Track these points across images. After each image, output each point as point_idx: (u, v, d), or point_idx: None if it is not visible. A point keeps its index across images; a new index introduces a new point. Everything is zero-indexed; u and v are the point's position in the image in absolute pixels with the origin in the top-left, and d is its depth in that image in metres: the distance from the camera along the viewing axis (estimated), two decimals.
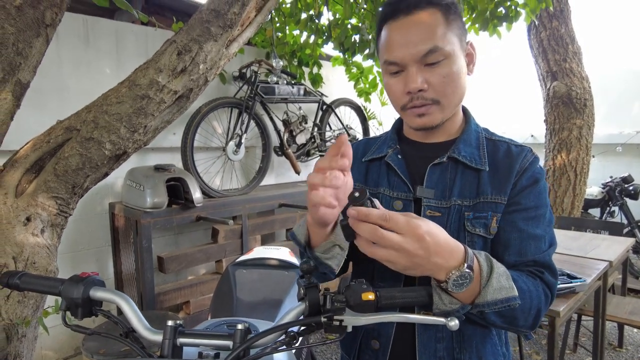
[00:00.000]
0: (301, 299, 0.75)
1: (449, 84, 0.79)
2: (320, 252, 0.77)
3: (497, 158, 0.85)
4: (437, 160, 0.85)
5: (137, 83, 1.20)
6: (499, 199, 0.81)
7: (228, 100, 2.94)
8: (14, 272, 0.83)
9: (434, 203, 0.84)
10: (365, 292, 0.72)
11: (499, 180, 0.82)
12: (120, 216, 2.54)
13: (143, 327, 0.75)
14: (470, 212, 0.82)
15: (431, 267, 0.64)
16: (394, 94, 0.82)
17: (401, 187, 0.87)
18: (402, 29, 0.78)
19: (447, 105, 0.81)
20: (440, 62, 0.78)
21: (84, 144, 1.15)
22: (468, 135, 0.87)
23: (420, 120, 0.82)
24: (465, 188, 0.83)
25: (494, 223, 0.81)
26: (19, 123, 1.18)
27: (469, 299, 0.69)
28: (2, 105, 1.11)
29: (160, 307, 2.48)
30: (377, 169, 0.92)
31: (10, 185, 1.09)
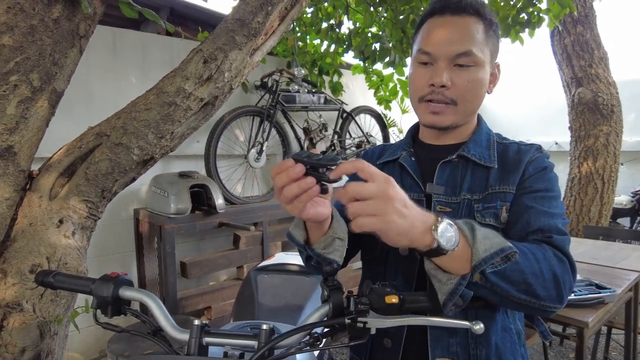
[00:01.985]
0: (325, 300, 0.75)
1: (470, 90, 0.82)
2: (320, 248, 0.77)
3: (506, 157, 0.86)
4: (447, 158, 0.87)
5: (165, 90, 1.24)
6: (507, 189, 0.82)
7: (250, 108, 2.99)
8: (49, 271, 0.86)
9: (444, 199, 0.85)
10: (389, 295, 0.72)
11: (507, 173, 0.83)
12: (145, 222, 2.60)
13: (170, 326, 0.77)
14: (479, 204, 0.82)
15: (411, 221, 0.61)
16: (417, 84, 0.85)
17: (413, 187, 0.89)
18: (445, 25, 0.82)
19: (462, 110, 0.84)
20: (470, 67, 0.81)
21: (114, 149, 1.19)
22: (479, 137, 0.89)
23: (432, 117, 0.85)
24: (475, 184, 0.84)
25: (503, 212, 0.81)
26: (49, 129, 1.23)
27: (465, 266, 0.66)
28: (39, 112, 1.16)
29: (183, 312, 2.51)
30: (392, 170, 0.94)
31: (44, 188, 1.14)
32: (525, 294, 0.69)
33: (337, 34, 3.44)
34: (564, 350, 2.90)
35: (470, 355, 0.82)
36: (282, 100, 3.16)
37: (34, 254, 1.05)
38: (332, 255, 0.77)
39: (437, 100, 0.83)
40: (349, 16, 3.35)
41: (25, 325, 0.93)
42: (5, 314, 0.95)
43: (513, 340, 0.86)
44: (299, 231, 0.79)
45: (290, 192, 0.64)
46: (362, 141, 3.82)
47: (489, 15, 0.83)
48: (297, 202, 0.66)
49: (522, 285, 0.68)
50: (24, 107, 1.11)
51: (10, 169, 1.09)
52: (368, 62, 3.46)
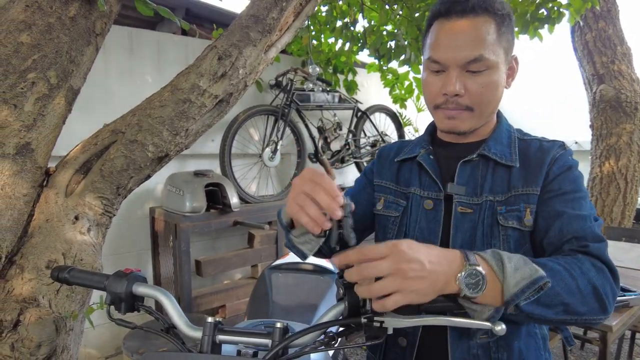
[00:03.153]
0: (340, 299, 0.73)
1: (485, 94, 0.79)
2: (295, 235, 0.76)
3: (528, 154, 0.83)
4: (467, 158, 0.84)
5: (180, 87, 1.24)
6: (531, 190, 0.79)
7: (265, 107, 2.98)
8: (64, 267, 0.87)
9: (465, 199, 0.82)
10: None
11: (530, 173, 0.80)
12: (160, 220, 2.61)
13: (183, 323, 0.76)
14: (502, 206, 0.80)
15: (434, 278, 0.60)
16: (431, 92, 0.82)
17: (432, 186, 0.87)
18: (452, 30, 0.78)
19: (479, 114, 0.81)
20: (482, 71, 0.77)
21: (129, 146, 1.19)
22: (499, 134, 0.86)
23: (449, 123, 0.82)
24: (497, 184, 0.82)
25: (527, 215, 0.78)
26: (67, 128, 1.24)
27: (498, 300, 0.64)
28: (56, 110, 1.17)
29: (197, 310, 2.52)
30: (409, 169, 0.92)
31: (61, 185, 1.15)
32: (565, 314, 0.66)
33: (351, 32, 3.42)
34: (585, 355, 2.82)
35: (491, 359, 0.80)
36: (297, 99, 3.14)
37: (51, 250, 1.05)
38: (302, 247, 0.77)
39: (452, 108, 0.80)
40: (363, 14, 3.32)
41: (41, 320, 0.94)
42: (22, 309, 0.96)
43: (537, 345, 0.83)
44: (286, 212, 0.78)
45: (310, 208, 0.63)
46: (377, 140, 3.79)
47: (500, 9, 0.78)
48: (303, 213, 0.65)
49: (560, 307, 0.66)
50: (41, 105, 1.12)
51: (28, 165, 1.10)
52: (383, 60, 3.42)
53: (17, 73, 1.08)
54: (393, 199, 0.93)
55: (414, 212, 0.89)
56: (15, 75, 1.08)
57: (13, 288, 1.01)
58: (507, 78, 0.83)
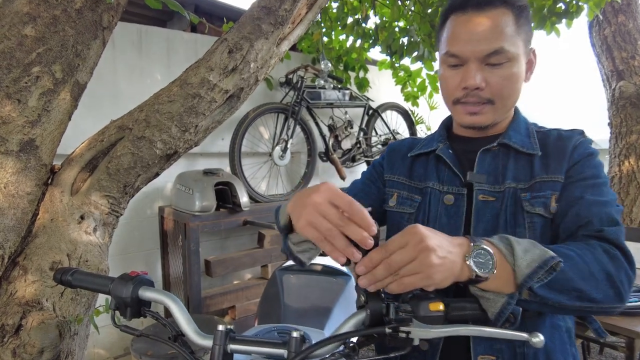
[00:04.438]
0: (361, 306, 0.68)
1: (506, 87, 0.78)
2: (293, 242, 0.73)
3: (548, 143, 0.82)
4: (487, 146, 0.82)
5: (189, 82, 1.19)
6: (557, 177, 0.78)
7: (275, 105, 2.94)
8: (67, 269, 0.83)
9: (486, 187, 0.80)
10: (434, 302, 0.65)
11: (553, 161, 0.79)
12: (170, 219, 2.58)
13: (192, 331, 0.71)
14: (526, 193, 0.78)
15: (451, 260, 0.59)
16: (449, 87, 0.81)
17: (452, 180, 0.84)
18: (470, 23, 0.76)
19: (500, 107, 0.80)
20: (503, 64, 0.76)
21: (136, 142, 1.14)
22: (517, 125, 0.85)
23: (470, 119, 0.81)
24: (519, 172, 0.80)
25: (553, 202, 0.76)
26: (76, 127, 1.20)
27: (510, 285, 0.62)
28: (61, 105, 1.12)
29: (207, 311, 2.48)
30: (424, 164, 0.90)
31: (66, 183, 1.11)
32: (579, 300, 0.64)
33: (363, 28, 3.36)
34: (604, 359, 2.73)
35: (516, 354, 0.77)
36: (307, 97, 3.09)
37: (55, 251, 1.01)
38: (301, 255, 0.73)
39: (472, 102, 0.79)
40: (375, 10, 3.26)
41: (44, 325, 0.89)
42: (25, 312, 0.92)
43: (563, 339, 0.80)
44: (284, 212, 0.73)
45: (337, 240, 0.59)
46: (389, 138, 3.72)
47: (517, 1, 0.77)
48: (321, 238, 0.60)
49: (574, 292, 0.64)
50: (46, 100, 1.08)
51: (32, 162, 1.05)
52: (395, 57, 3.36)
53: (21, 67, 1.04)
54: (407, 195, 0.90)
55: (432, 208, 0.86)
56: (19, 69, 1.04)
57: (16, 290, 0.96)
58: (526, 72, 0.82)
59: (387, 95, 4.03)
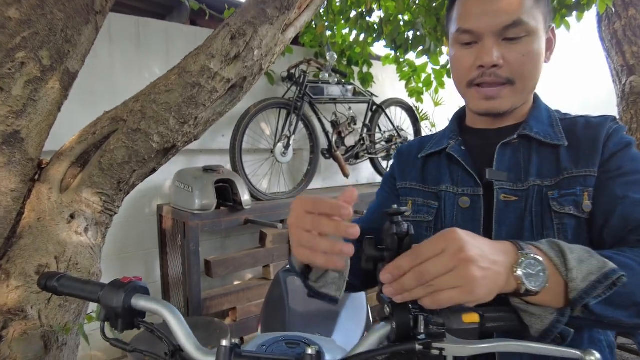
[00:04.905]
0: (385, 318, 0.60)
1: (527, 64, 0.70)
2: (313, 280, 0.65)
3: (575, 132, 0.74)
4: (506, 139, 0.75)
5: (188, 70, 1.10)
6: (588, 172, 0.70)
7: (277, 100, 2.85)
8: (53, 274, 0.74)
9: (508, 186, 0.73)
10: (468, 314, 0.58)
11: (583, 152, 0.71)
12: (168, 218, 2.49)
13: (192, 346, 0.62)
14: (553, 191, 0.70)
15: (495, 271, 0.50)
16: (462, 68, 0.74)
17: (466, 181, 0.77)
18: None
19: (521, 89, 0.72)
20: (522, 38, 0.69)
21: (131, 135, 1.06)
22: (539, 113, 0.78)
23: (487, 104, 0.73)
24: (544, 167, 0.73)
25: (586, 199, 0.69)
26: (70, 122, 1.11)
27: (561, 300, 0.54)
28: (50, 94, 1.04)
29: (207, 313, 2.40)
30: (437, 164, 0.83)
31: (55, 179, 1.02)
32: (639, 317, 0.57)
33: (367, 22, 3.26)
34: None
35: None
36: (310, 92, 3.00)
37: (41, 253, 0.92)
38: (326, 290, 0.66)
39: (489, 82, 0.71)
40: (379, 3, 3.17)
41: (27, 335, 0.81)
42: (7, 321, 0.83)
43: (604, 356, 0.72)
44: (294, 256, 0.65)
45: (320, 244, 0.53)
46: (393, 135, 3.63)
47: None
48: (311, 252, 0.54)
49: (634, 308, 0.56)
50: (32, 88, 0.99)
51: (17, 157, 0.97)
52: (400, 51, 3.27)
53: (3, 52, 0.95)
54: (423, 202, 0.82)
55: (448, 213, 0.78)
56: (1, 54, 0.95)
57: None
58: (546, 51, 0.75)
59: (390, 91, 3.95)
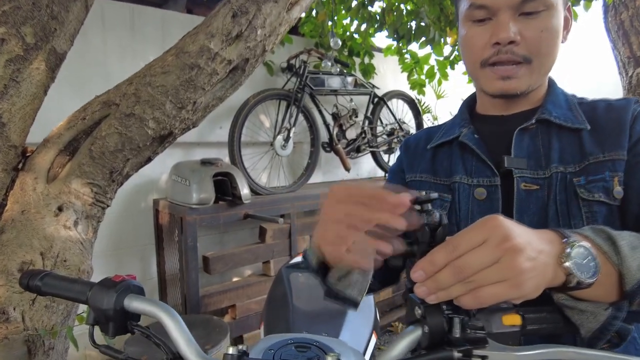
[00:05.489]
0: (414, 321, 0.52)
1: (545, 41, 0.66)
2: (334, 278, 0.59)
3: (597, 115, 0.70)
4: (524, 125, 0.70)
5: (186, 50, 1.01)
6: (616, 155, 0.65)
7: (276, 91, 2.77)
8: (36, 272, 0.66)
9: (528, 174, 0.68)
10: (509, 315, 0.51)
11: (608, 135, 0.67)
12: (165, 213, 2.41)
13: (194, 354, 0.54)
14: (579, 177, 0.66)
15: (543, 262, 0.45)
16: (475, 46, 0.69)
17: (482, 171, 0.72)
18: None
19: (538, 68, 0.68)
20: (540, 12, 0.65)
21: (124, 121, 0.97)
22: (555, 97, 0.74)
23: (503, 84, 0.69)
24: (566, 152, 0.69)
25: (616, 185, 0.65)
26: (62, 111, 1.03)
27: (614, 293, 0.50)
28: (34, 75, 0.95)
29: (205, 310, 2.32)
30: (448, 155, 0.79)
31: (41, 168, 0.93)
32: None
33: (368, 11, 3.18)
34: None
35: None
36: (310, 83, 2.92)
37: (25, 249, 0.84)
38: (349, 291, 0.58)
39: (505, 61, 0.67)
40: None
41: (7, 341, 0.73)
42: None
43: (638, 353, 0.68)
44: (314, 250, 0.59)
45: None
46: (395, 128, 3.55)
47: None
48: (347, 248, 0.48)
49: None
50: (14, 68, 0.90)
51: None
52: (403, 41, 3.19)
53: None
54: None
55: (463, 206, 0.73)
56: None
57: None
58: (563, 30, 0.71)
59: (392, 83, 3.87)
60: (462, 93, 0.76)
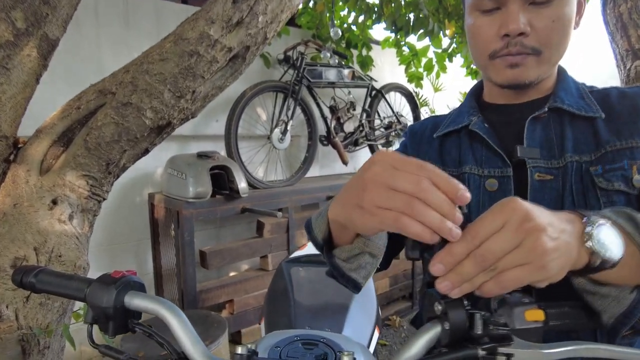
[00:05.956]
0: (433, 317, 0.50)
1: (556, 31, 0.64)
2: (342, 258, 0.57)
3: (610, 103, 0.68)
4: (536, 113, 0.69)
5: (185, 37, 0.97)
6: (635, 142, 0.64)
7: (273, 84, 2.72)
8: (30, 268, 0.63)
9: (542, 164, 0.67)
10: (532, 310, 0.48)
11: (624, 123, 0.66)
12: (161, 207, 2.37)
13: (200, 354, 0.51)
14: (596, 166, 0.65)
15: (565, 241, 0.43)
16: (483, 38, 0.67)
17: (493, 161, 0.71)
18: None
19: (547, 59, 0.66)
20: (552, 1, 0.63)
21: (120, 110, 0.93)
22: (567, 85, 0.72)
23: (511, 73, 0.67)
24: (580, 141, 0.67)
25: (635, 173, 0.64)
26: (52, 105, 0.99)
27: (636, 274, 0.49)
28: (25, 63, 0.90)
29: (202, 305, 2.29)
30: (456, 144, 0.76)
31: (33, 160, 0.89)
32: None
33: (366, 3, 3.14)
34: None
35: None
36: (308, 75, 2.88)
37: (18, 244, 0.80)
38: (354, 274, 0.59)
39: (515, 53, 0.65)
40: None
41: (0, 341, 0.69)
42: None
43: None
44: (321, 224, 0.56)
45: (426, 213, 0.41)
46: (392, 122, 3.52)
47: None
48: None
49: None
50: (4, 54, 0.86)
51: None
52: (401, 33, 3.16)
53: None
54: None
55: (473, 197, 0.70)
56: None
57: None
58: (575, 15, 0.69)
59: (389, 76, 3.84)
60: (460, 86, 0.74)
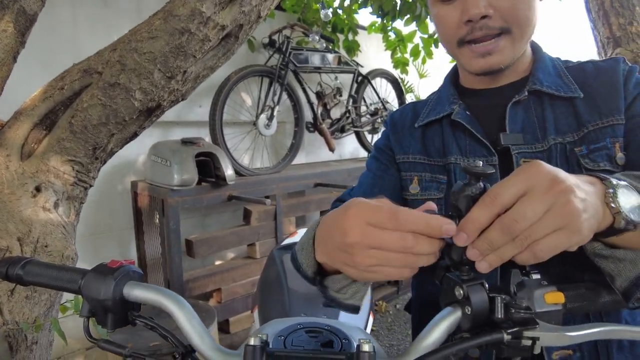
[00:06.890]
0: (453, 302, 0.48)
1: (520, 9, 0.63)
2: (336, 290, 0.55)
3: (587, 80, 0.68)
4: (516, 98, 0.68)
5: (175, 14, 0.92)
6: (615, 120, 0.64)
7: (259, 68, 2.66)
8: (16, 259, 0.58)
9: (526, 149, 0.66)
10: (552, 292, 0.47)
11: (602, 100, 0.66)
12: (144, 195, 2.30)
13: (209, 346, 0.48)
14: (580, 146, 0.65)
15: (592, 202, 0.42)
16: (448, 26, 0.66)
17: (477, 150, 0.70)
18: None
19: (519, 36, 0.65)
20: None
21: (108, 91, 0.88)
22: (543, 65, 0.71)
23: (484, 62, 0.66)
24: (561, 122, 0.67)
25: (618, 151, 0.63)
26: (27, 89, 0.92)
27: None
28: (2, 39, 0.84)
29: (190, 295, 2.25)
30: (439, 133, 0.75)
31: (14, 144, 0.83)
32: None
33: None
34: None
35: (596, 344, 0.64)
36: (294, 60, 2.82)
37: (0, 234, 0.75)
38: (352, 300, 0.57)
39: (482, 37, 0.64)
40: None
41: None
42: None
43: None
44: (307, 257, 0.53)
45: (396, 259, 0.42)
46: (379, 108, 3.50)
47: None
48: None
49: None
50: None
51: None
52: (387, 18, 3.12)
53: None
54: (430, 177, 0.75)
55: None
56: None
57: None
58: None
59: (374, 62, 3.80)
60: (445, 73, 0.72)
